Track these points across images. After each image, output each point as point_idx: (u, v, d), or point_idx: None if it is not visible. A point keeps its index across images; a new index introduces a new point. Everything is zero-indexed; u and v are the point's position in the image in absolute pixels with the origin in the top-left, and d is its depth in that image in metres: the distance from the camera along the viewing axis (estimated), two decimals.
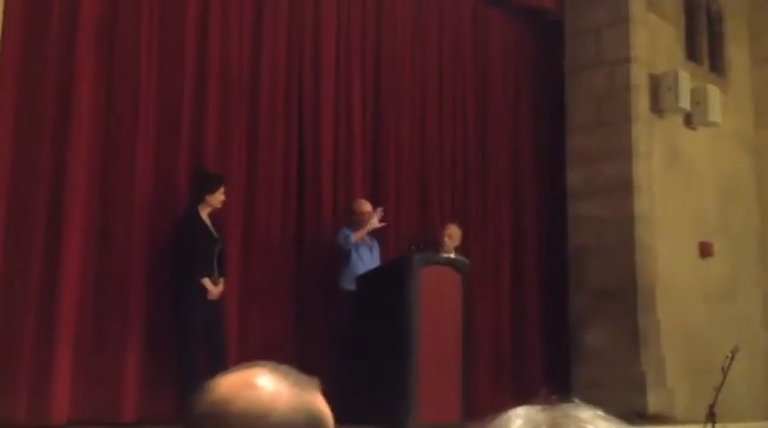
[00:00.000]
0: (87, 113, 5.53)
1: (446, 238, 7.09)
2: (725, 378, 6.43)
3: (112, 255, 5.60)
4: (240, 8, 6.57)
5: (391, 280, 6.05)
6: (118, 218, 5.65)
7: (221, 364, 5.39)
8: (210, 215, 5.80)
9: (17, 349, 5.03)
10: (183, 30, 6.17)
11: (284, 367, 1.04)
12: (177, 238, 5.68)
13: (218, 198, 5.78)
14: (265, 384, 0.98)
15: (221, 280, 5.71)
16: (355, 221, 6.68)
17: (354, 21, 7.39)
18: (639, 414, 7.59)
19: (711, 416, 6.34)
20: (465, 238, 7.44)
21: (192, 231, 5.61)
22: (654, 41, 8.86)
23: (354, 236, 6.48)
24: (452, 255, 6.99)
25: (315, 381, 1.04)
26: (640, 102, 8.56)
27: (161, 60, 6.02)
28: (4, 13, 5.09)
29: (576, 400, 0.93)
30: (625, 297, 8.15)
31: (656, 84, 8.75)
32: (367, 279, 6.32)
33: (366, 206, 6.72)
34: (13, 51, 5.19)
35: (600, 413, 0.88)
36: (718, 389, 6.35)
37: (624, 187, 8.36)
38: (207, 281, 5.58)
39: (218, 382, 0.99)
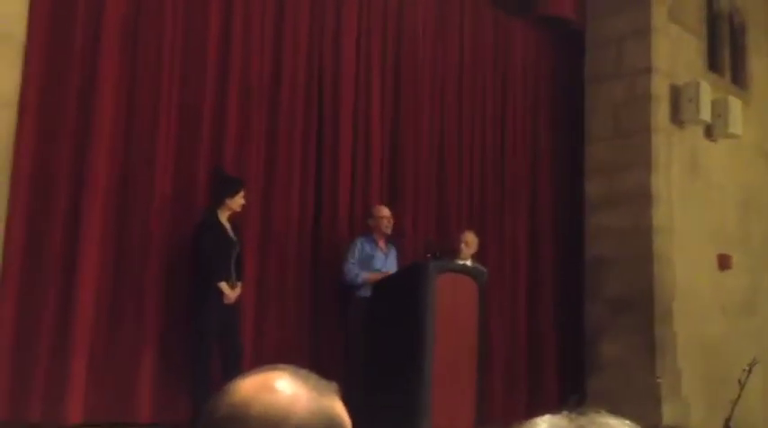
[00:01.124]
0: (108, 115, 5.56)
1: (462, 245, 7.09)
2: (741, 391, 6.39)
3: (130, 259, 5.61)
4: (262, 12, 6.59)
5: (406, 287, 6.04)
6: (136, 222, 5.66)
7: (237, 368, 5.40)
8: (229, 218, 5.81)
9: (33, 351, 5.05)
10: (205, 34, 6.20)
11: (304, 371, 1.04)
12: (196, 242, 5.70)
13: (237, 201, 5.79)
14: (284, 388, 0.99)
15: (238, 284, 5.72)
16: (372, 225, 6.68)
17: (375, 28, 7.40)
18: (654, 427, 7.54)
19: None
20: (482, 246, 7.43)
21: (210, 235, 5.63)
22: (675, 52, 8.83)
23: (363, 277, 6.46)
24: (468, 262, 6.98)
25: (333, 386, 1.05)
26: (660, 112, 8.52)
27: (183, 64, 6.05)
28: (30, 14, 5.15)
29: (602, 410, 0.92)
30: (642, 308, 8.11)
31: (676, 95, 8.71)
32: (382, 285, 6.31)
33: (384, 210, 6.72)
34: (37, 53, 5.23)
35: (627, 422, 0.88)
36: (735, 403, 6.31)
37: (643, 198, 8.32)
38: (224, 285, 5.59)
39: (238, 385, 0.99)
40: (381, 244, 6.66)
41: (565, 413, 0.93)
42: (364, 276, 6.46)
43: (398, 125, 7.49)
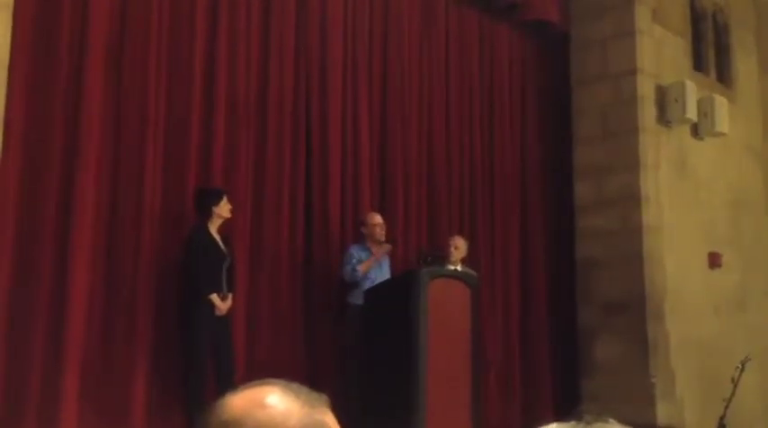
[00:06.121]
0: (96, 134, 5.54)
1: (452, 249, 7.10)
2: (735, 389, 6.42)
3: (121, 274, 5.59)
4: (248, 27, 6.59)
5: (399, 294, 6.04)
6: (126, 238, 5.65)
7: (230, 380, 5.40)
8: (220, 230, 5.81)
9: (26, 366, 5.04)
10: (191, 50, 6.18)
11: (295, 384, 1.04)
12: (186, 255, 5.68)
13: (224, 208, 5.78)
14: (276, 403, 0.98)
15: (229, 295, 5.71)
16: (365, 233, 6.67)
17: (361, 36, 7.41)
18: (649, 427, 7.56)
19: None
20: (473, 251, 7.44)
21: (200, 247, 5.62)
22: (660, 52, 8.88)
23: (362, 268, 6.47)
24: (459, 267, 6.99)
25: (325, 398, 1.05)
26: (647, 113, 8.56)
27: (169, 81, 6.04)
28: (13, 35, 5.13)
29: (611, 419, 0.92)
30: (634, 309, 8.13)
31: (662, 96, 8.75)
32: (375, 293, 6.31)
33: (377, 218, 6.72)
34: (21, 75, 5.21)
35: None
36: (728, 401, 6.34)
37: (632, 199, 8.36)
38: (215, 297, 5.58)
39: (229, 401, 0.99)
40: (375, 251, 6.65)
41: (573, 422, 0.93)
42: (361, 267, 6.45)
43: (387, 132, 7.50)
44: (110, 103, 5.69)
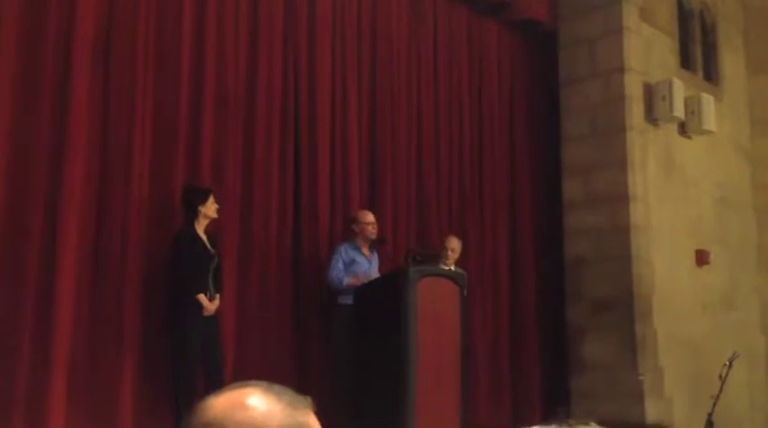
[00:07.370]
0: (83, 130, 5.51)
1: (449, 252, 7.09)
2: (723, 386, 6.44)
3: (108, 272, 5.56)
4: (235, 23, 6.58)
5: (388, 293, 6.03)
6: (113, 237, 5.61)
7: (218, 380, 5.38)
8: (206, 230, 5.78)
9: (12, 366, 5.00)
10: (179, 46, 6.16)
11: (278, 386, 1.04)
12: (173, 255, 5.66)
13: (211, 208, 5.75)
14: (257, 404, 0.98)
15: (217, 296, 5.69)
16: (357, 231, 6.65)
17: (350, 35, 7.40)
18: (638, 425, 7.59)
19: (710, 425, 6.34)
20: (463, 250, 7.44)
21: (187, 247, 5.59)
22: (648, 51, 8.90)
23: (348, 281, 6.42)
24: (452, 267, 6.99)
25: (308, 400, 1.04)
26: (635, 111, 8.58)
27: (156, 76, 6.01)
28: None
29: (593, 422, 0.92)
30: (622, 307, 8.15)
31: (650, 94, 8.77)
32: (364, 292, 6.30)
33: (370, 216, 6.70)
34: (7, 71, 5.18)
35: None
36: (716, 398, 6.35)
37: (620, 197, 8.37)
38: (202, 298, 5.56)
39: (211, 403, 0.99)
40: (365, 250, 6.65)
41: (555, 425, 0.93)
42: (349, 281, 6.44)
43: (376, 129, 7.50)
44: (97, 99, 5.65)
